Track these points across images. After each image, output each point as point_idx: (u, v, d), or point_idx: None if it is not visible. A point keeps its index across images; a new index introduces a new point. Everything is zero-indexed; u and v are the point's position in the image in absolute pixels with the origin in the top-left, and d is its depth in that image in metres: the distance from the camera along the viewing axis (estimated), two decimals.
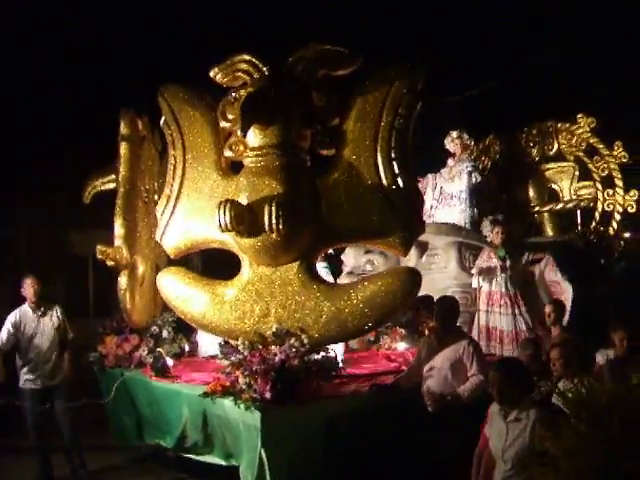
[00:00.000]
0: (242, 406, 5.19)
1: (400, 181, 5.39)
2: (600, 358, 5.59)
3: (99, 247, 7.07)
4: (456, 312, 5.79)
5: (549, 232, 10.49)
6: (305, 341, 5.40)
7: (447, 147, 9.92)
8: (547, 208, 10.45)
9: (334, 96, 5.68)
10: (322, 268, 7.71)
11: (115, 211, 7.01)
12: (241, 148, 5.79)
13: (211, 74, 6.04)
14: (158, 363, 6.69)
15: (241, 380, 5.35)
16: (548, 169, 10.46)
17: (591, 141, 10.01)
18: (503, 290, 7.96)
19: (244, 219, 5.36)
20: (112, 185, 7.44)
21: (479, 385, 5.28)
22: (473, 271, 8.03)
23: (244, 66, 5.86)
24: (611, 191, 9.84)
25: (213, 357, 6.91)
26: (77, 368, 7.09)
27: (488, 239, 8.35)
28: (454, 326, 5.65)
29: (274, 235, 5.25)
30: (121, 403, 7.14)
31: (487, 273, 8.00)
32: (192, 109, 6.12)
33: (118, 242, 6.94)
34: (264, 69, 5.80)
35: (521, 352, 5.87)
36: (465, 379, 5.39)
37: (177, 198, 6.10)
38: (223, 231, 5.35)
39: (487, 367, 5.57)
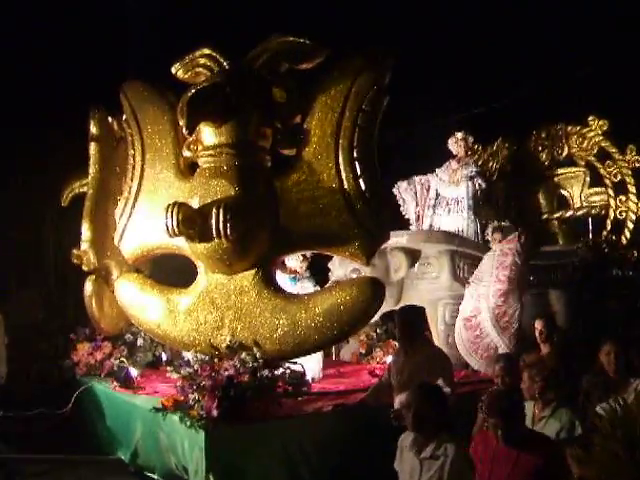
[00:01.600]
0: (187, 424, 4.84)
1: (362, 183, 4.97)
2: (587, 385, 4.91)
3: (74, 251, 6.82)
4: (420, 322, 5.33)
5: (559, 241, 9.89)
6: (258, 355, 5.02)
7: (450, 148, 9.38)
8: (557, 216, 9.85)
9: (295, 92, 5.29)
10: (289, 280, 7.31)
11: (83, 213, 6.72)
12: (199, 148, 5.44)
13: (172, 70, 5.72)
14: (121, 373, 6.40)
15: (190, 396, 5.01)
16: (558, 174, 9.87)
17: (603, 145, 9.43)
18: None
19: (195, 223, 5.00)
20: None
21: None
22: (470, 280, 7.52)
23: (204, 61, 5.52)
24: (624, 197, 9.23)
25: None
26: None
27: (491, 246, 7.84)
28: (420, 337, 5.18)
29: (223, 241, 4.88)
30: (89, 413, 6.87)
31: None
32: (153, 107, 5.83)
33: (84, 246, 6.64)
34: (225, 64, 5.45)
35: (494, 365, 5.38)
36: None
37: (135, 201, 5.80)
38: (171, 236, 5.01)
39: (454, 378, 5.19)
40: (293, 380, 5.77)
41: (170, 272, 6.55)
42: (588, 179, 9.65)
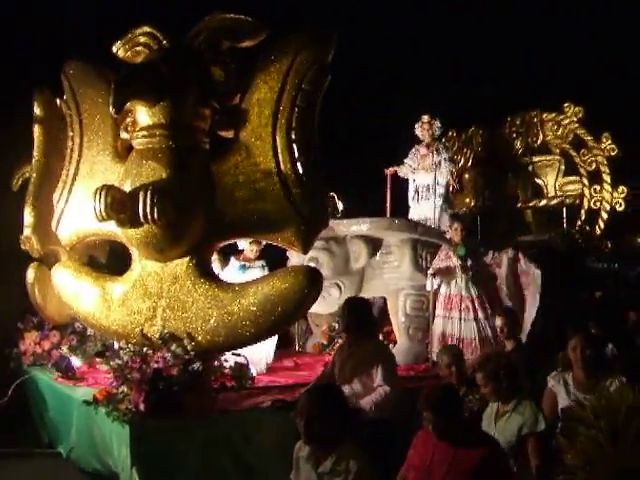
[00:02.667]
0: (114, 417, 4.61)
1: (300, 166, 4.72)
2: (553, 382, 4.44)
3: (22, 237, 6.58)
4: (366, 314, 5.10)
5: (533, 230, 9.68)
6: (189, 347, 4.78)
7: (417, 133, 9.08)
8: (530, 205, 9.63)
9: (234, 71, 5.03)
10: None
11: (26, 198, 6.47)
12: (135, 129, 5.18)
13: (114, 49, 5.45)
14: (63, 363, 6.19)
15: (120, 388, 4.79)
16: (532, 162, 9.65)
17: (578, 132, 9.22)
18: (463, 293, 7.23)
19: (126, 207, 4.75)
20: None
21: (385, 398, 4.63)
22: (430, 272, 7.29)
23: (144, 39, 5.25)
24: (598, 187, 9.01)
25: None
26: None
27: (447, 236, 7.62)
28: (365, 330, 4.95)
29: (153, 226, 4.63)
30: (33, 405, 6.67)
31: (445, 274, 7.27)
32: (92, 87, 5.56)
33: (27, 232, 6.39)
34: (164, 42, 5.18)
35: (441, 357, 5.17)
36: (373, 390, 4.72)
37: (72, 185, 5.55)
38: (100, 220, 4.76)
39: (397, 378, 4.95)
40: (235, 373, 5.58)
41: None
42: (563, 167, 9.46)
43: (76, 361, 6.24)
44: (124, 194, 4.80)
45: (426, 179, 9.01)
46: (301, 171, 4.71)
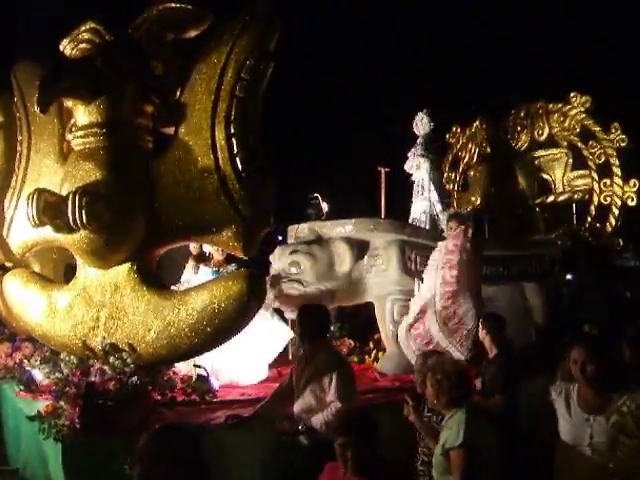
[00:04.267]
0: (50, 434, 4.33)
1: (239, 162, 4.36)
2: (554, 395, 3.94)
3: None
4: (323, 322, 4.67)
5: (541, 229, 9.10)
6: (128, 360, 4.47)
7: (414, 130, 8.63)
8: (538, 201, 9.06)
9: (175, 63, 4.72)
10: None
11: None
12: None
13: (61, 47, 5.21)
14: (24, 376, 5.93)
15: (60, 403, 4.51)
16: (538, 157, 9.08)
17: (585, 123, 8.64)
18: None
19: (61, 212, 4.47)
20: None
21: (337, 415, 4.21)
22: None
23: (88, 35, 4.97)
24: (608, 181, 8.40)
25: None
26: None
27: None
28: (321, 339, 4.53)
29: (87, 231, 4.35)
30: (2, 420, 6.46)
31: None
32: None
33: None
34: (107, 37, 4.91)
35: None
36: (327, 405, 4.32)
37: (20, 190, 5.31)
38: (33, 226, 4.50)
39: (353, 392, 4.52)
40: (197, 386, 5.26)
41: None
42: (571, 161, 8.86)
43: (38, 374, 5.98)
44: (59, 197, 4.53)
45: (418, 175, 8.56)
46: (240, 167, 4.35)
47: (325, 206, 7.45)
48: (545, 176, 9.06)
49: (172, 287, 5.50)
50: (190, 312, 4.35)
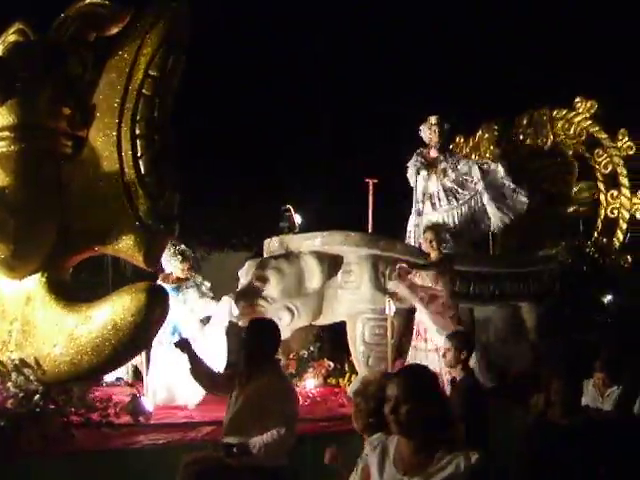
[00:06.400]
0: None
1: (142, 165, 4.01)
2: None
3: None
4: (269, 341, 4.20)
5: (547, 243, 8.41)
6: (32, 377, 4.14)
7: (422, 135, 8.06)
8: (542, 214, 8.39)
9: (90, 62, 4.43)
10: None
11: None
12: None
13: None
14: None
15: None
16: (542, 167, 8.42)
17: (591, 130, 7.98)
18: None
19: None
20: None
21: (278, 440, 3.73)
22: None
23: (14, 37, 4.75)
24: (615, 192, 7.71)
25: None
26: None
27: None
28: (265, 359, 4.06)
29: None
30: None
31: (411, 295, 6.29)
32: None
33: None
34: (32, 37, 4.68)
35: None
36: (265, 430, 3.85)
37: None
38: None
39: (295, 418, 4.04)
40: (128, 407, 4.90)
41: None
42: (576, 171, 8.18)
43: None
44: None
45: (437, 185, 7.97)
46: (143, 171, 4.00)
47: (298, 218, 7.03)
48: (550, 187, 8.40)
49: None
50: (92, 327, 4.02)
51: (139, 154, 4.02)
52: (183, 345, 4.07)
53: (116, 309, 3.97)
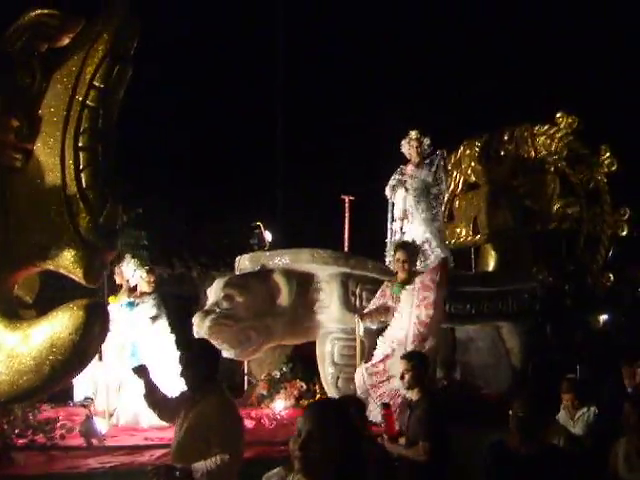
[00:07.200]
0: None
1: (83, 178, 3.87)
2: None
3: None
4: (209, 362, 4.01)
5: (529, 261, 8.23)
6: None
7: (403, 150, 7.90)
8: (523, 232, 8.22)
9: (40, 73, 4.30)
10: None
11: None
12: None
13: None
14: None
15: None
16: (524, 184, 8.27)
17: (573, 146, 7.82)
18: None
19: None
20: None
21: (221, 466, 3.50)
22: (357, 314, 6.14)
23: None
24: (598, 209, 7.55)
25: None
26: None
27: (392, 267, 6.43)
28: (204, 380, 3.87)
29: None
30: None
31: (377, 315, 6.12)
32: None
33: None
34: None
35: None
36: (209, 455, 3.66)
37: None
38: None
39: (240, 443, 3.84)
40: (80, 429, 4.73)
41: None
42: (558, 188, 8.02)
43: None
44: None
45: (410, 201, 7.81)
46: (84, 184, 3.86)
47: (268, 235, 6.87)
48: (530, 204, 8.24)
49: None
50: (31, 346, 3.83)
51: (81, 167, 3.88)
52: (140, 372, 3.92)
53: (55, 327, 3.79)
